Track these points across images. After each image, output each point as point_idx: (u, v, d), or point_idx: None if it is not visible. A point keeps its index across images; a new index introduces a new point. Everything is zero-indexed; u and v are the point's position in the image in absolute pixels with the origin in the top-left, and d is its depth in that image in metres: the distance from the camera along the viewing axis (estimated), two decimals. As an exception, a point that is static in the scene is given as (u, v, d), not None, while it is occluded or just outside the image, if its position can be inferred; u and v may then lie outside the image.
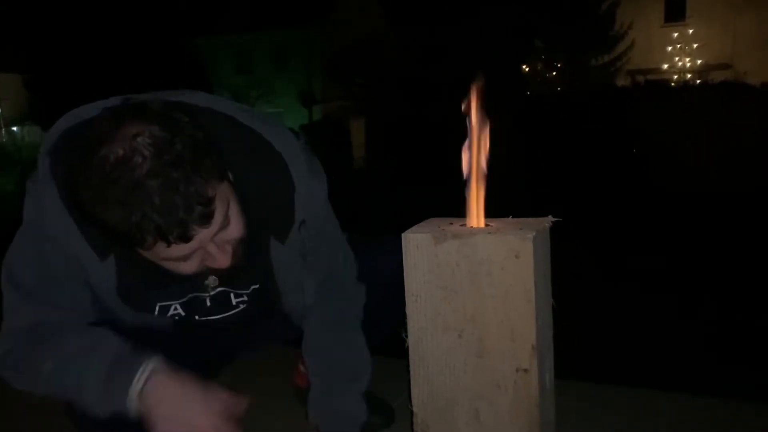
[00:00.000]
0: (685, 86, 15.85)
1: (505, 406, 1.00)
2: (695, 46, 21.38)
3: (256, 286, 1.22)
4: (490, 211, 1.08)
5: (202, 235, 0.95)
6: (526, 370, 0.98)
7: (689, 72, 20.99)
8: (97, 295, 1.11)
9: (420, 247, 1.03)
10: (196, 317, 1.22)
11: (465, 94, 1.05)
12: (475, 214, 1.06)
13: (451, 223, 1.08)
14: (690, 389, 1.69)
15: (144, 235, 0.91)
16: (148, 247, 0.94)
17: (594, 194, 5.23)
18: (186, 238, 0.93)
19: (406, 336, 1.07)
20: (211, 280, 1.17)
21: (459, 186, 1.06)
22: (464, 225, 1.06)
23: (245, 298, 1.24)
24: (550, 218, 1.08)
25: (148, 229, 0.90)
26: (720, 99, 9.12)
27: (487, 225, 1.05)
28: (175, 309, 1.19)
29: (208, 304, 1.21)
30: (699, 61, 21.27)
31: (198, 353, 1.27)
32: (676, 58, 21.63)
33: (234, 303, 1.24)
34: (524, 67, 21.07)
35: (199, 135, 0.95)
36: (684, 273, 3.16)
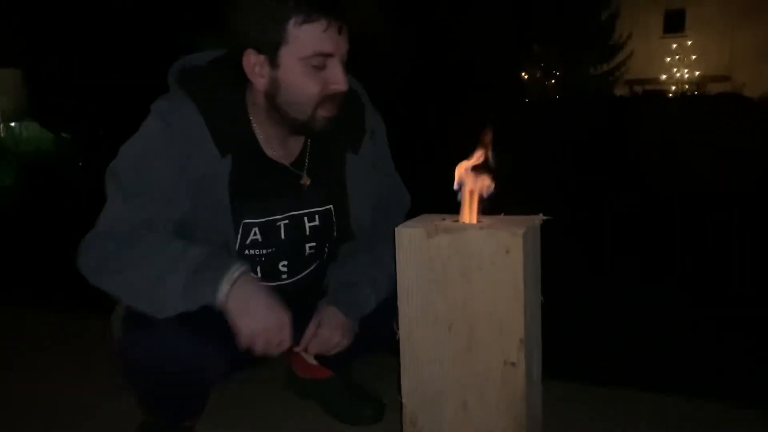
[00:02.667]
0: (683, 97, 15.91)
1: (493, 399, 1.02)
2: (693, 57, 21.48)
3: (330, 207, 1.41)
4: (485, 213, 1.10)
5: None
6: (513, 364, 1.00)
7: (687, 83, 21.07)
8: (206, 193, 1.28)
9: (412, 242, 1.05)
10: (268, 249, 1.38)
11: (461, 96, 1.08)
12: (468, 211, 1.08)
13: (444, 219, 1.10)
14: (678, 391, 1.71)
15: None
16: None
17: (590, 198, 5.27)
18: None
19: (398, 329, 1.09)
20: (305, 178, 1.38)
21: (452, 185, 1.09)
22: (457, 221, 1.08)
23: (317, 222, 1.41)
24: (541, 216, 1.10)
25: None
26: (717, 111, 9.16)
27: (479, 221, 1.07)
28: (255, 234, 1.35)
29: (283, 233, 1.38)
30: (697, 73, 21.36)
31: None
32: (675, 69, 21.72)
33: (307, 229, 1.41)
34: (523, 74, 21.14)
35: None
36: (677, 275, 3.19)
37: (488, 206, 1.09)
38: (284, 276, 1.45)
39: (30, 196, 7.05)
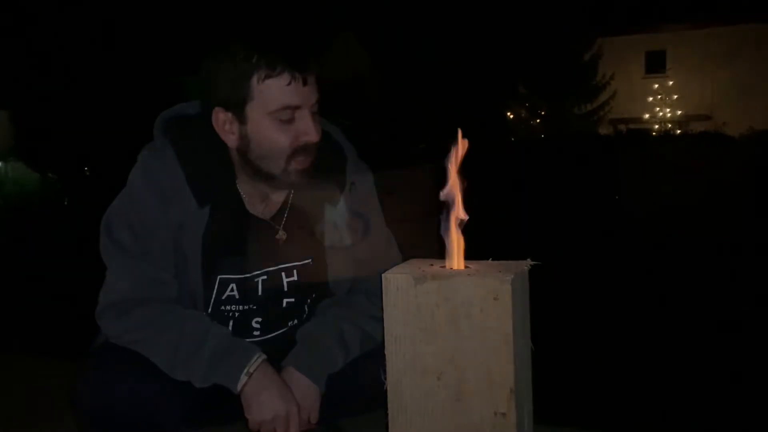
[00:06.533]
0: (666, 136, 16.15)
1: (483, 451, 0.99)
2: (675, 97, 21.90)
3: (308, 261, 1.37)
4: (472, 255, 1.09)
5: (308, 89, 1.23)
6: (504, 414, 0.97)
7: (670, 122, 21.44)
8: (179, 244, 1.27)
9: (400, 288, 1.03)
10: (244, 306, 1.35)
11: (449, 136, 1.07)
12: (455, 256, 1.06)
13: (432, 265, 1.08)
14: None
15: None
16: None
17: (575, 239, 5.29)
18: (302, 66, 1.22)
19: (385, 378, 1.06)
20: (281, 234, 1.35)
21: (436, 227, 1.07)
22: (444, 267, 1.06)
23: (295, 277, 1.37)
24: (529, 261, 1.09)
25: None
26: (699, 149, 9.31)
27: (466, 267, 1.05)
28: (232, 290, 1.33)
29: (260, 290, 1.35)
30: (679, 112, 21.75)
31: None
32: (657, 109, 22.11)
33: (284, 285, 1.37)
34: (508, 113, 21.43)
35: None
36: (664, 318, 3.18)
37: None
38: (256, 333, 1.40)
39: (16, 235, 6.97)
